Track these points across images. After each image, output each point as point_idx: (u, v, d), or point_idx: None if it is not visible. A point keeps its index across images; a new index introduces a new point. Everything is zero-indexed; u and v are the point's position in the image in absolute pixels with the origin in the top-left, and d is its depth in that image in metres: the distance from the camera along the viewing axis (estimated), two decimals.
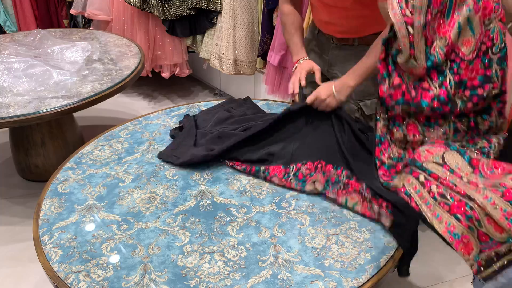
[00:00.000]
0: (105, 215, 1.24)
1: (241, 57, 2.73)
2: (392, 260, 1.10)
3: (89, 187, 1.35)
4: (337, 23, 1.57)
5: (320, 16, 1.62)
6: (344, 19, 1.53)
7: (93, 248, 1.13)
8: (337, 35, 1.61)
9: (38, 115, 1.82)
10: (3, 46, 2.37)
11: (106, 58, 2.32)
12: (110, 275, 1.05)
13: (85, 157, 1.50)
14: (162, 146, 1.54)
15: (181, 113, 1.76)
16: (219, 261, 1.09)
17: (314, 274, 1.05)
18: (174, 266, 1.08)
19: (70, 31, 2.74)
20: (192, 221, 1.21)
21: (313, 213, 1.24)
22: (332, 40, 1.63)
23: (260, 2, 2.60)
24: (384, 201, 1.17)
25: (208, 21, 2.85)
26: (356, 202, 1.23)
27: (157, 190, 1.33)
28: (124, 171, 1.42)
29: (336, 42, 1.62)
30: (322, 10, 1.57)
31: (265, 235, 1.16)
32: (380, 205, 1.18)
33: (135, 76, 2.16)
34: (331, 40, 1.63)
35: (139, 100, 3.43)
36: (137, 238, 1.16)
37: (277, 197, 1.30)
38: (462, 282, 1.91)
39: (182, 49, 3.06)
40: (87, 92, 1.96)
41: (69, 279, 1.05)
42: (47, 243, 1.15)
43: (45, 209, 1.27)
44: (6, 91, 1.96)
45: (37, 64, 2.11)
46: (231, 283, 1.03)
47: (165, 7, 2.80)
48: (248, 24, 2.66)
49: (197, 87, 3.65)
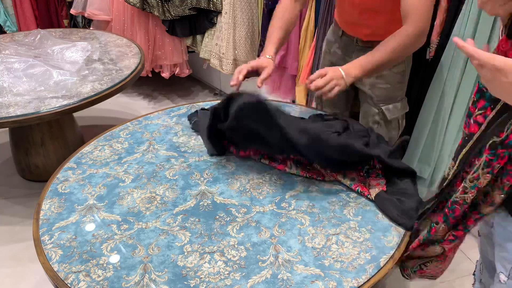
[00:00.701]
0: (105, 215, 1.24)
1: (241, 57, 2.74)
2: (392, 260, 1.10)
3: (89, 187, 1.35)
4: (364, 24, 1.55)
5: (347, 17, 1.60)
6: (372, 20, 1.51)
7: (93, 248, 1.13)
8: (363, 38, 1.59)
9: (38, 115, 1.82)
10: (3, 46, 2.37)
11: (106, 58, 2.32)
12: (110, 275, 1.05)
13: (85, 157, 1.50)
14: (162, 146, 1.54)
15: (181, 113, 1.76)
16: (219, 261, 1.09)
17: (314, 274, 1.05)
18: (174, 266, 1.08)
19: (70, 31, 2.74)
20: (192, 221, 1.21)
21: (313, 213, 1.24)
22: (357, 42, 1.62)
23: (260, 2, 2.60)
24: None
25: (208, 21, 2.85)
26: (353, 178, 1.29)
27: (157, 190, 1.33)
28: (124, 171, 1.42)
29: (361, 44, 1.61)
30: (351, 11, 1.55)
31: (265, 235, 1.16)
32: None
33: (135, 76, 2.16)
34: (356, 42, 1.62)
35: (139, 100, 3.43)
36: (137, 238, 1.16)
37: (277, 197, 1.30)
38: (462, 282, 1.91)
39: (182, 49, 3.06)
40: (87, 92, 1.96)
41: (69, 279, 1.05)
42: (47, 243, 1.15)
43: (45, 209, 1.27)
44: (6, 91, 1.96)
45: (37, 64, 2.11)
46: (231, 283, 1.03)
47: (165, 7, 2.81)
48: (248, 24, 2.66)
49: (197, 87, 3.65)
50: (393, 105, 1.65)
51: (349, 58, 1.66)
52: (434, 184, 2.03)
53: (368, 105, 1.67)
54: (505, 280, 1.00)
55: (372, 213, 1.23)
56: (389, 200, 1.24)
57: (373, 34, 1.56)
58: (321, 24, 2.17)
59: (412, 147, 2.02)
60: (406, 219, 1.18)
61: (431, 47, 1.81)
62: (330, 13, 2.11)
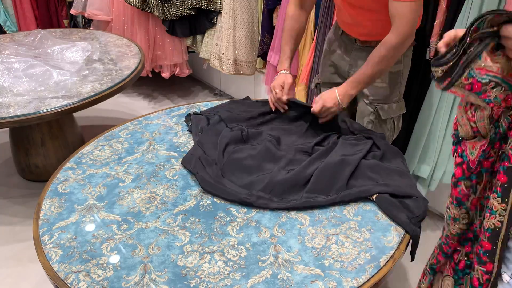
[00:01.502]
0: (105, 215, 1.24)
1: (241, 57, 2.74)
2: (392, 260, 1.10)
3: (89, 187, 1.35)
4: (361, 25, 1.57)
5: (344, 17, 1.62)
6: (368, 21, 1.53)
7: (93, 248, 1.13)
8: (360, 38, 1.62)
9: (38, 115, 1.82)
10: (3, 46, 2.37)
11: (106, 58, 2.32)
12: (110, 275, 1.05)
13: (85, 157, 1.50)
14: (162, 146, 1.54)
15: (181, 113, 1.76)
16: (219, 261, 1.09)
17: (314, 274, 1.05)
18: (174, 266, 1.08)
19: (70, 31, 2.74)
20: (192, 221, 1.21)
21: (313, 213, 1.24)
22: (356, 42, 1.65)
23: (260, 2, 2.60)
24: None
25: (208, 21, 2.85)
26: None
27: (157, 190, 1.33)
28: (124, 171, 1.42)
29: (360, 44, 1.64)
30: (347, 12, 1.57)
31: (265, 235, 1.16)
32: None
33: (135, 76, 2.16)
34: (355, 41, 1.65)
35: (139, 100, 3.43)
36: (137, 238, 1.16)
37: None
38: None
39: (182, 49, 3.06)
40: (87, 92, 1.97)
41: (69, 279, 1.05)
42: (47, 243, 1.15)
43: (45, 209, 1.27)
44: (6, 91, 1.96)
45: (37, 64, 2.11)
46: (231, 283, 1.03)
47: (165, 7, 2.81)
48: (248, 24, 2.66)
49: (197, 87, 3.65)
50: (389, 105, 1.66)
51: (348, 57, 1.68)
52: (434, 184, 2.03)
53: (363, 104, 1.68)
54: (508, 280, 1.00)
55: (372, 213, 1.23)
56: (392, 203, 1.23)
57: (370, 34, 1.58)
58: (321, 24, 2.17)
59: (412, 147, 2.02)
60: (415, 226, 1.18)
61: (431, 47, 1.80)
62: (330, 13, 2.11)
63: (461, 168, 0.93)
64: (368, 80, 1.49)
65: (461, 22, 1.71)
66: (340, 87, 1.51)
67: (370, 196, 1.26)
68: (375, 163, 1.36)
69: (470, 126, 0.89)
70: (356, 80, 1.49)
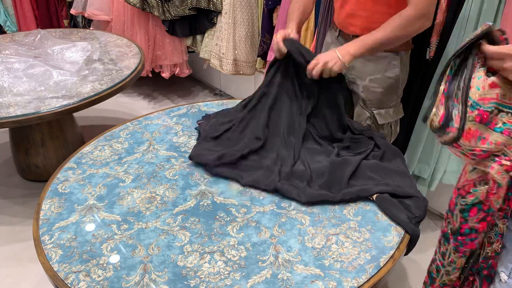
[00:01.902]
0: (105, 215, 1.24)
1: (241, 57, 2.74)
2: (392, 260, 1.10)
3: (89, 187, 1.35)
4: (360, 16, 1.54)
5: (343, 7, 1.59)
6: (369, 11, 1.51)
7: (93, 248, 1.13)
8: (358, 31, 1.57)
9: (38, 115, 1.82)
10: (3, 46, 2.37)
11: (106, 58, 2.33)
12: (110, 275, 1.05)
13: (85, 157, 1.50)
14: (162, 146, 1.54)
15: (181, 113, 1.76)
16: (219, 261, 1.09)
17: (314, 274, 1.05)
18: (174, 266, 1.08)
19: (70, 31, 2.74)
20: (192, 221, 1.21)
21: (313, 213, 1.24)
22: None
23: (260, 2, 2.60)
24: None
25: (208, 21, 2.85)
26: None
27: (157, 190, 1.33)
28: (124, 171, 1.42)
29: None
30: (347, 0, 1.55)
31: (265, 235, 1.16)
32: None
33: (135, 76, 2.16)
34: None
35: (139, 100, 3.43)
36: (137, 238, 1.16)
37: (277, 197, 1.30)
38: None
39: (182, 49, 3.06)
40: (87, 92, 1.96)
41: (69, 279, 1.05)
42: (47, 243, 1.15)
43: (45, 209, 1.27)
44: (6, 91, 1.96)
45: (37, 64, 2.11)
46: (231, 283, 1.03)
47: (165, 7, 2.81)
48: (248, 24, 2.66)
49: (197, 87, 3.65)
50: (385, 110, 1.65)
51: None
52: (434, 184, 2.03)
53: (360, 108, 1.68)
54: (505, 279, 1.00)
55: (372, 213, 1.24)
56: (392, 203, 1.23)
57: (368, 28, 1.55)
58: (321, 24, 2.17)
59: (412, 147, 2.02)
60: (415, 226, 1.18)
61: (431, 47, 1.80)
62: (330, 13, 2.10)
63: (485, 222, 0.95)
64: (371, 43, 1.40)
65: (461, 22, 1.71)
66: (341, 46, 1.44)
67: (370, 195, 1.26)
68: (375, 163, 1.36)
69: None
70: (360, 39, 1.42)
